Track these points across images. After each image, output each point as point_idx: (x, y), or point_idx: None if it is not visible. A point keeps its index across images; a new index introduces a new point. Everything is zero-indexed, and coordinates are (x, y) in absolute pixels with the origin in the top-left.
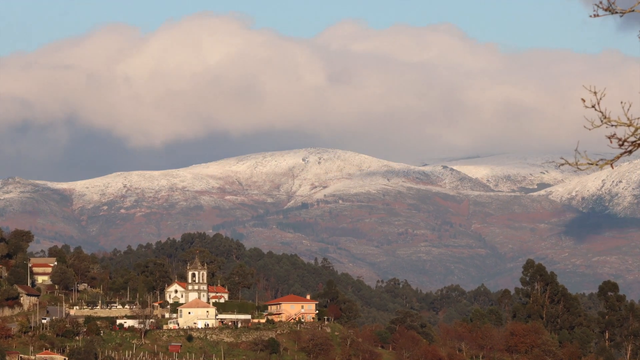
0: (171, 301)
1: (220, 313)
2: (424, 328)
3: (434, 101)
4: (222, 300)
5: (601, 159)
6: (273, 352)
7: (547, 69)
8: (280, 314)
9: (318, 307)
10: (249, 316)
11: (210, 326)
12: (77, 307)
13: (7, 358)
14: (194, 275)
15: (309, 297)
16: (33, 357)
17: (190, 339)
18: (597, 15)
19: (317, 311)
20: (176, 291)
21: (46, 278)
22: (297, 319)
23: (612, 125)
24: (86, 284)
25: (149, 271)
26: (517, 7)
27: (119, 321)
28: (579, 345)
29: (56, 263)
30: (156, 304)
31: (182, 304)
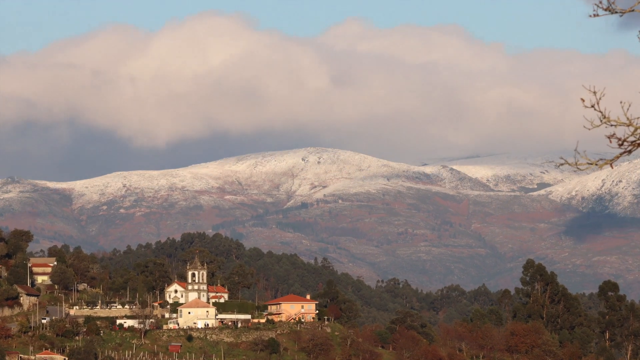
0: (171, 301)
1: (220, 313)
2: (424, 328)
3: (436, 102)
4: (222, 300)
5: (601, 159)
6: (273, 352)
7: (552, 69)
8: (280, 314)
9: (318, 307)
10: (248, 316)
11: (210, 326)
12: (77, 307)
13: (7, 358)
14: (193, 275)
15: (309, 297)
16: (33, 357)
17: (190, 339)
18: (597, 15)
19: (317, 311)
20: (176, 291)
21: (46, 278)
22: (297, 319)
23: (611, 125)
24: (86, 284)
25: (148, 271)
26: (524, 8)
27: (118, 321)
28: (580, 345)
29: (56, 263)
30: (156, 303)
31: (182, 304)
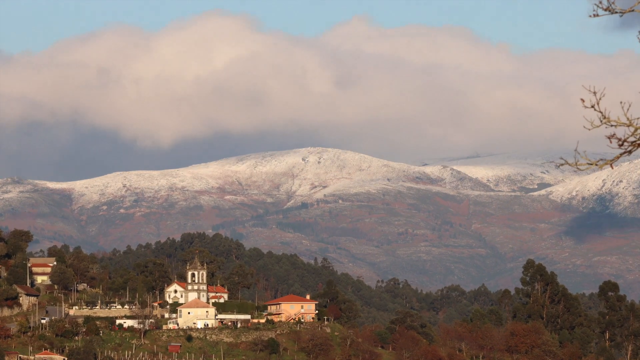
0: (171, 301)
1: (220, 313)
2: (424, 328)
3: (437, 103)
4: (221, 300)
5: (601, 159)
6: (273, 352)
7: (557, 69)
8: (280, 314)
9: (318, 307)
10: (248, 316)
11: (209, 326)
12: (77, 307)
13: (7, 358)
14: (193, 275)
15: (308, 297)
16: (32, 357)
17: (189, 339)
18: (597, 15)
19: (317, 311)
20: (176, 291)
21: (45, 278)
22: (297, 319)
23: (611, 126)
24: (85, 284)
25: (148, 271)
26: (532, 9)
27: (118, 321)
28: (580, 345)
29: (55, 263)
30: (156, 304)
31: (181, 304)
